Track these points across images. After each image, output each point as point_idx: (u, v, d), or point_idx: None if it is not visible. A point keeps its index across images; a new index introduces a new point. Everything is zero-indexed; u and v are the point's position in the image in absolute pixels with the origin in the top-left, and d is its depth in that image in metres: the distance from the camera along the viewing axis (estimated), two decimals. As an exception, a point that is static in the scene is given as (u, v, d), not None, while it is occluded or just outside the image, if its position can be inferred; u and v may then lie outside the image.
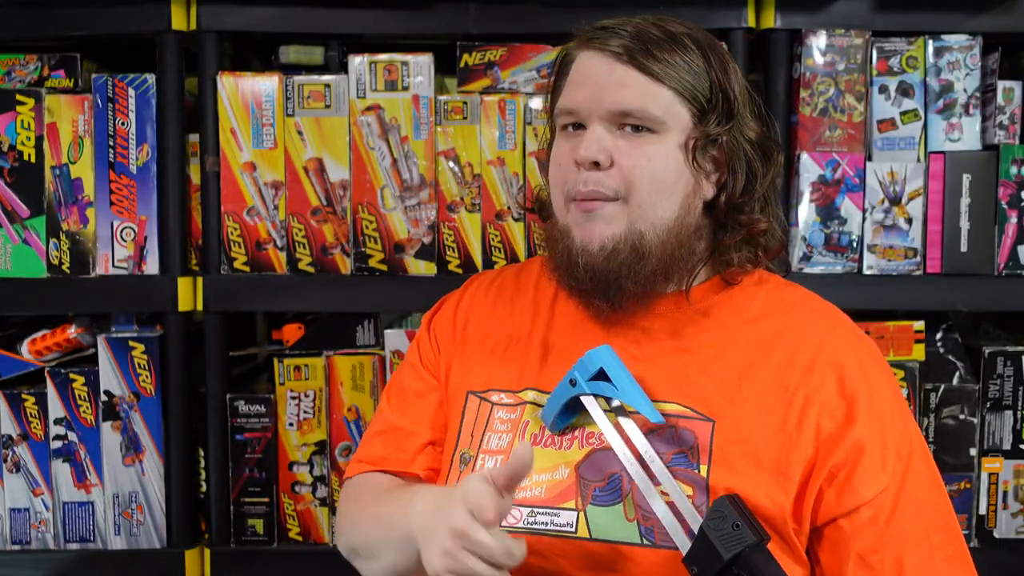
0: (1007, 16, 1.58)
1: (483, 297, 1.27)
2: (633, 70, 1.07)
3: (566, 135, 1.12)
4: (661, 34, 1.08)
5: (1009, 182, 1.58)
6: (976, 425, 1.60)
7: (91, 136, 1.59)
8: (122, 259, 1.60)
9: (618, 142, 1.08)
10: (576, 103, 1.09)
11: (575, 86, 1.10)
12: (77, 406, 1.61)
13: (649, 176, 1.07)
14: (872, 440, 1.04)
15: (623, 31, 1.08)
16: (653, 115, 1.07)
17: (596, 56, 1.09)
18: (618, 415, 1.06)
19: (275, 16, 1.59)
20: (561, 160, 1.12)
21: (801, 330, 1.12)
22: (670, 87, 1.07)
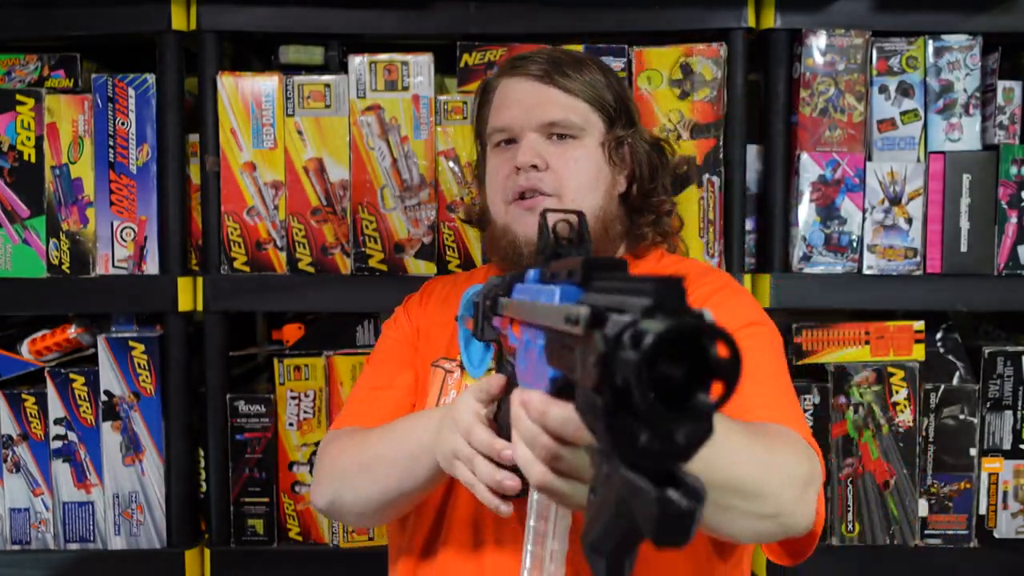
0: (1007, 16, 1.58)
1: (438, 294, 1.40)
2: (554, 88, 1.26)
3: (500, 150, 1.29)
4: (569, 59, 1.29)
5: (1009, 182, 1.58)
6: (976, 425, 1.60)
7: (91, 136, 1.59)
8: (122, 259, 1.60)
9: (549, 149, 1.25)
10: (508, 121, 1.27)
11: (504, 108, 1.28)
12: (77, 406, 1.61)
13: (577, 174, 1.25)
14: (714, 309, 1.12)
15: (539, 59, 1.28)
16: (575, 123, 1.26)
17: (520, 80, 1.27)
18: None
19: (275, 16, 1.59)
20: (498, 170, 1.28)
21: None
22: (584, 100, 1.27)
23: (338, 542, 1.64)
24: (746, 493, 0.90)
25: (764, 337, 1.16)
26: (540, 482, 0.74)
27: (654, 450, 0.53)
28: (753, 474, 0.90)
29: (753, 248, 1.64)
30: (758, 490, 0.91)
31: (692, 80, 1.58)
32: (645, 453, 0.53)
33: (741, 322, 1.15)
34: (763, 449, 0.93)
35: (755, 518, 0.92)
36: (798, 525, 0.97)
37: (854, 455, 1.60)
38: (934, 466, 1.61)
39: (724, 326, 0.51)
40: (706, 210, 1.59)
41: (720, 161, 1.59)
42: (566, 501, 0.76)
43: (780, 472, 0.94)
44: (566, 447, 0.71)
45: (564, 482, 0.74)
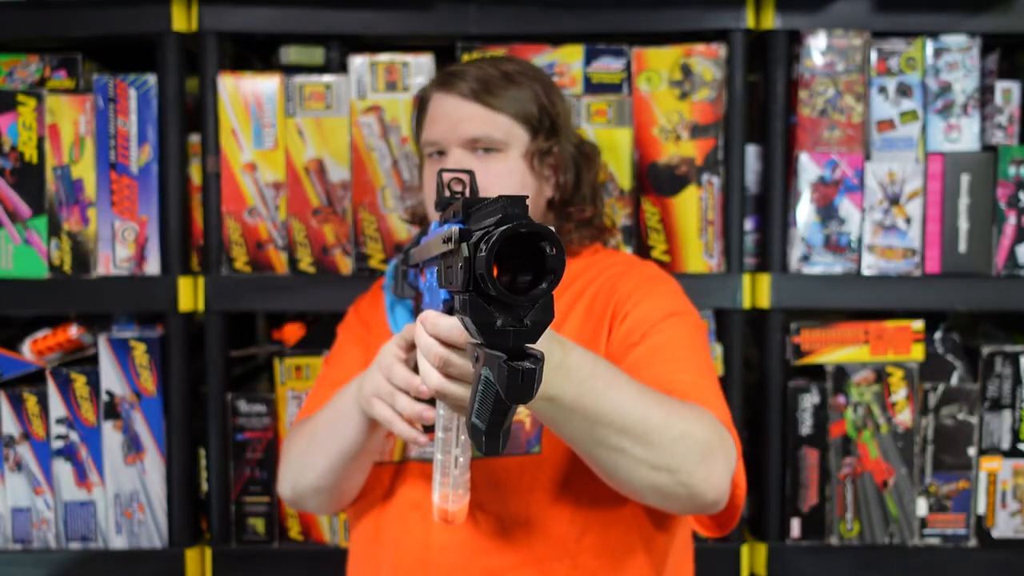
0: (1006, 16, 1.58)
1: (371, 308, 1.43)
2: (476, 105, 1.30)
3: (432, 161, 1.33)
4: (496, 73, 1.32)
5: (1008, 182, 1.59)
6: (975, 425, 1.61)
7: (92, 136, 1.60)
8: (123, 259, 1.61)
9: (473, 163, 1.29)
10: (436, 136, 1.32)
11: (433, 122, 1.33)
12: (78, 406, 1.61)
13: (500, 187, 1.28)
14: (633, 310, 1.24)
15: (467, 75, 1.32)
16: (496, 138, 1.30)
17: (447, 97, 1.31)
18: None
19: (275, 16, 1.59)
20: (431, 180, 1.32)
21: (609, 274, 1.32)
22: (507, 114, 1.31)
23: (338, 542, 1.64)
24: (633, 435, 0.98)
25: (685, 325, 1.24)
26: (437, 387, 0.86)
27: (508, 330, 0.71)
28: (641, 418, 0.98)
29: (752, 248, 1.65)
30: (645, 436, 0.99)
31: (692, 80, 1.58)
32: (501, 334, 0.71)
33: (664, 312, 1.23)
34: (657, 404, 1.01)
35: (648, 467, 1.00)
36: (702, 490, 1.03)
37: (853, 455, 1.60)
38: (933, 466, 1.61)
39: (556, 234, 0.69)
40: (706, 210, 1.60)
41: (720, 161, 1.60)
42: (460, 404, 0.87)
43: (674, 429, 1.01)
44: (456, 352, 0.84)
45: (457, 385, 0.85)
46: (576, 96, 1.59)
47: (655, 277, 1.32)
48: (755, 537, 1.64)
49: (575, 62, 1.60)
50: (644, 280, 1.29)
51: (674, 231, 1.60)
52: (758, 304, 1.60)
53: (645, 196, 1.60)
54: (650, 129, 1.59)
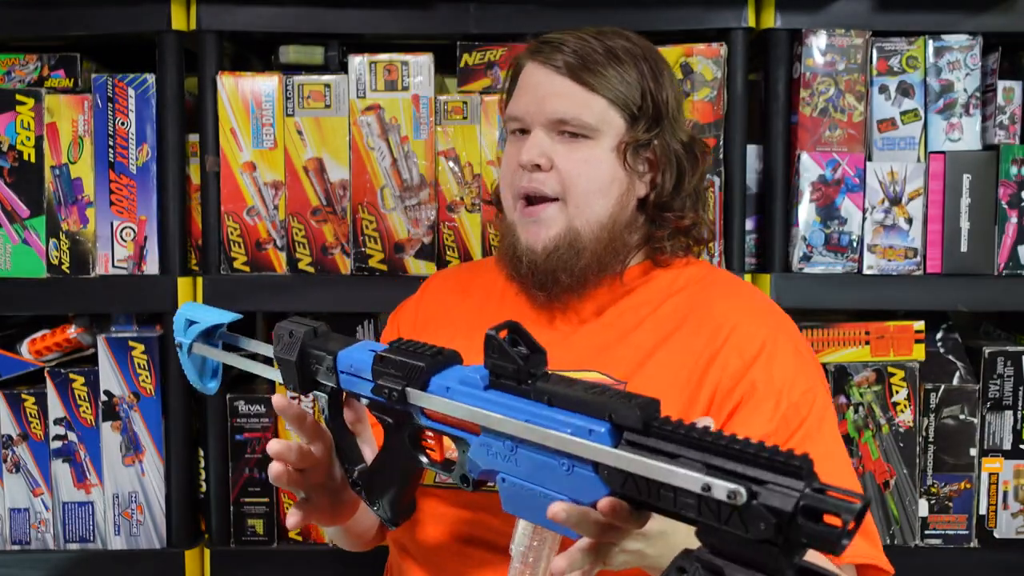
0: (1007, 16, 1.58)
1: (440, 292, 1.37)
2: (570, 81, 1.18)
3: (514, 139, 1.23)
4: (600, 48, 1.19)
5: (1009, 182, 1.58)
6: (976, 425, 1.60)
7: (91, 136, 1.59)
8: (122, 259, 1.60)
9: (557, 147, 1.18)
10: (520, 111, 1.21)
11: (520, 95, 1.22)
12: (77, 406, 1.61)
13: (585, 178, 1.18)
14: (767, 388, 1.12)
15: (565, 46, 1.19)
16: (587, 123, 1.18)
17: (539, 68, 1.20)
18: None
19: (275, 16, 1.59)
20: (509, 161, 1.23)
21: (714, 302, 1.22)
22: (604, 96, 1.18)
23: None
24: None
25: (823, 408, 1.14)
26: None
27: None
28: None
29: (753, 248, 1.64)
30: None
31: (692, 80, 1.58)
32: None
33: (801, 388, 1.13)
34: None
35: None
36: None
37: (854, 455, 1.59)
38: (934, 466, 1.61)
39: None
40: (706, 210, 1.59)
41: (720, 161, 1.59)
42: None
43: None
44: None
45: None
46: (576, 95, 1.59)
47: (801, 351, 1.18)
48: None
49: (575, 61, 1.60)
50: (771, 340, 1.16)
51: (674, 231, 1.60)
52: (759, 304, 1.59)
53: (645, 196, 1.60)
54: (650, 129, 1.59)
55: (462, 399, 0.91)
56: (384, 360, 0.97)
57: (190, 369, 1.17)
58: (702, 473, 0.72)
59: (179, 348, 1.17)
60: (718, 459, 0.72)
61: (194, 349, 1.16)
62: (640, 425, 0.78)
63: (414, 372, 0.94)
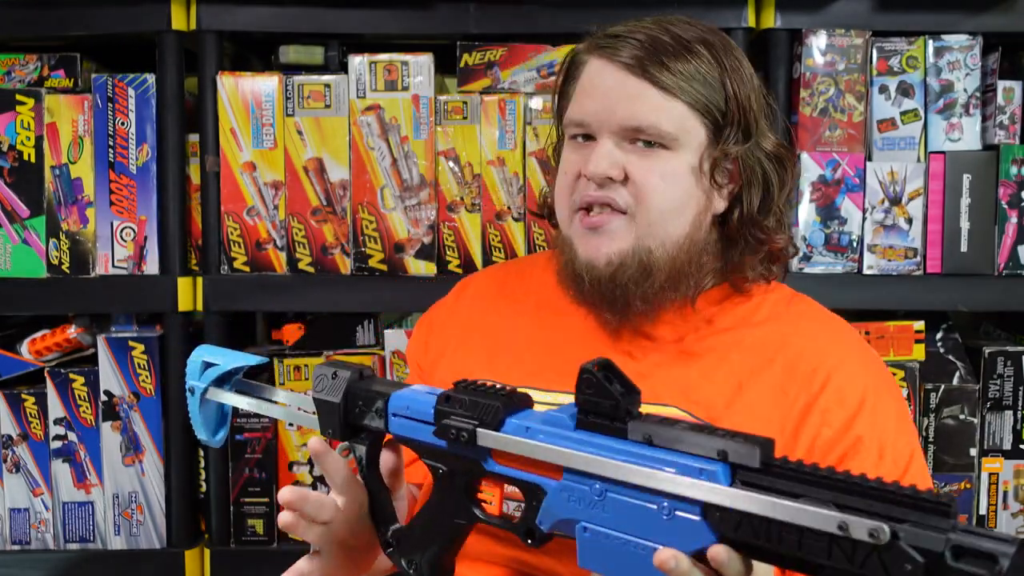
0: (1007, 16, 1.58)
1: (482, 298, 1.25)
2: (645, 83, 1.04)
3: (575, 145, 1.10)
4: (673, 42, 1.05)
5: (1009, 182, 1.58)
6: (976, 425, 1.60)
7: (91, 136, 1.59)
8: (122, 259, 1.60)
9: (630, 157, 1.05)
10: (586, 115, 1.07)
11: (585, 96, 1.08)
12: (77, 406, 1.61)
13: (661, 194, 1.05)
14: (871, 442, 1.03)
15: (634, 39, 1.05)
16: (666, 132, 1.04)
17: (606, 66, 1.07)
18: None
19: (275, 16, 1.59)
20: (568, 170, 1.10)
21: (805, 338, 1.10)
22: (684, 101, 1.05)
23: (338, 542, 1.64)
24: None
25: (922, 463, 1.05)
26: None
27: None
28: None
29: (753, 248, 1.64)
30: None
31: (692, 80, 1.58)
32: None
33: (904, 443, 1.04)
34: None
35: None
36: None
37: (854, 455, 1.60)
38: (934, 466, 1.60)
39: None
40: (706, 210, 1.59)
41: (720, 161, 1.59)
42: None
43: None
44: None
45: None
46: (576, 95, 1.59)
47: (901, 401, 1.09)
48: None
49: (575, 61, 1.60)
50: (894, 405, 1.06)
51: (674, 231, 1.60)
52: (759, 304, 1.59)
53: (645, 196, 1.60)
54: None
55: (547, 439, 0.84)
56: (451, 400, 0.89)
57: (201, 418, 1.05)
58: (835, 511, 0.67)
59: (190, 393, 1.05)
60: (851, 498, 0.68)
61: (209, 395, 1.04)
62: (758, 464, 0.73)
63: (487, 412, 0.87)
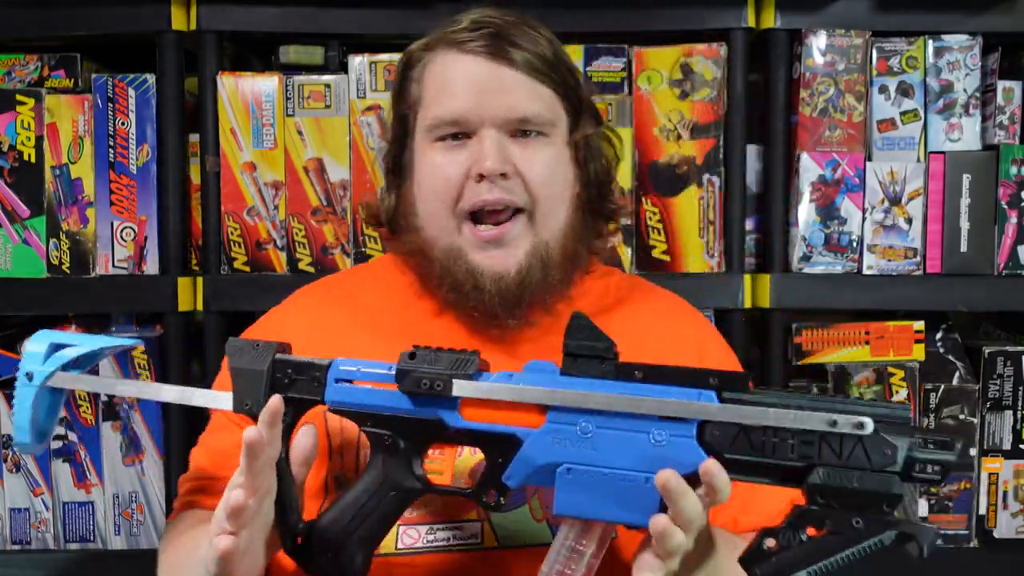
0: (1007, 16, 1.58)
1: (317, 314, 1.16)
2: (517, 72, 1.03)
3: (444, 146, 1.05)
4: (529, 30, 1.05)
5: (1009, 182, 1.58)
6: (976, 425, 1.60)
7: (91, 136, 1.59)
8: (122, 259, 1.60)
9: (514, 149, 1.03)
10: (461, 111, 1.03)
11: (450, 93, 1.04)
12: (77, 406, 1.61)
13: (549, 185, 1.05)
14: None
15: (489, 30, 1.03)
16: (546, 118, 1.04)
17: (467, 58, 1.04)
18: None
19: (275, 16, 1.59)
20: (444, 171, 1.05)
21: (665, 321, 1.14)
22: (551, 87, 1.05)
23: (338, 542, 1.64)
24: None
25: None
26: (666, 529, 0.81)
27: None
28: None
29: (753, 248, 1.64)
30: None
31: (692, 80, 1.58)
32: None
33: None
34: None
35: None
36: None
37: (854, 455, 1.59)
38: (934, 466, 1.60)
39: None
40: (706, 210, 1.59)
41: (720, 161, 1.59)
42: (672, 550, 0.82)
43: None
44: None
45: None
46: (576, 96, 1.59)
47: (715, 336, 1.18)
48: (756, 538, 1.64)
49: (575, 61, 1.59)
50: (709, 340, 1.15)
51: (674, 231, 1.60)
52: (759, 304, 1.59)
53: (645, 196, 1.60)
54: (650, 128, 1.59)
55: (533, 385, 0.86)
56: (416, 356, 0.89)
57: (30, 414, 0.91)
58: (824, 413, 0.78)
59: (26, 380, 0.92)
60: (825, 405, 0.80)
61: (55, 382, 0.91)
62: (744, 389, 0.82)
63: (461, 364, 0.88)
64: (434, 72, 1.06)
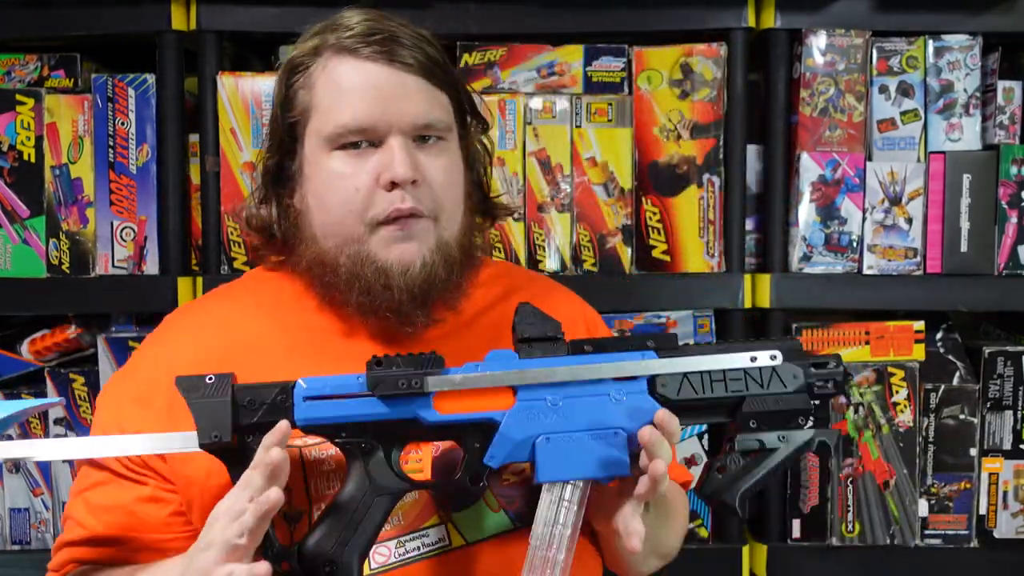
0: (1007, 16, 1.58)
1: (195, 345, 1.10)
2: (418, 78, 1.03)
3: (349, 155, 1.03)
4: (417, 35, 1.05)
5: (1009, 182, 1.58)
6: (976, 425, 1.60)
7: (91, 136, 1.59)
8: (122, 259, 1.60)
9: (417, 155, 1.03)
10: (368, 119, 1.01)
11: (352, 100, 1.02)
12: (77, 406, 1.61)
13: (449, 188, 1.06)
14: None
15: (385, 35, 1.03)
16: (446, 123, 1.06)
17: (369, 66, 1.02)
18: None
19: (275, 16, 1.59)
20: (352, 180, 1.03)
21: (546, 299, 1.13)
22: (446, 91, 1.06)
23: (338, 542, 1.64)
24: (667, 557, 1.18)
25: None
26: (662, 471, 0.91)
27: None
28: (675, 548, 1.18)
29: (753, 248, 1.64)
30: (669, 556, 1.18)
31: (692, 80, 1.58)
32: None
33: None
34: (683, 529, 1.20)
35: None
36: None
37: (854, 455, 1.59)
38: (934, 466, 1.61)
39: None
40: (706, 210, 1.59)
41: (720, 161, 1.59)
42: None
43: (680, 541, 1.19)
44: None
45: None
46: (576, 96, 1.59)
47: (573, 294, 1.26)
48: (756, 538, 1.64)
49: (575, 62, 1.60)
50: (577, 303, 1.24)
51: (674, 231, 1.60)
52: (759, 304, 1.59)
53: (645, 196, 1.60)
54: (650, 128, 1.59)
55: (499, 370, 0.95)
56: (381, 363, 0.93)
57: None
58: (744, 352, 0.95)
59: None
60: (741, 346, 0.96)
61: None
62: (677, 344, 0.97)
63: (427, 362, 0.94)
64: (328, 79, 1.04)
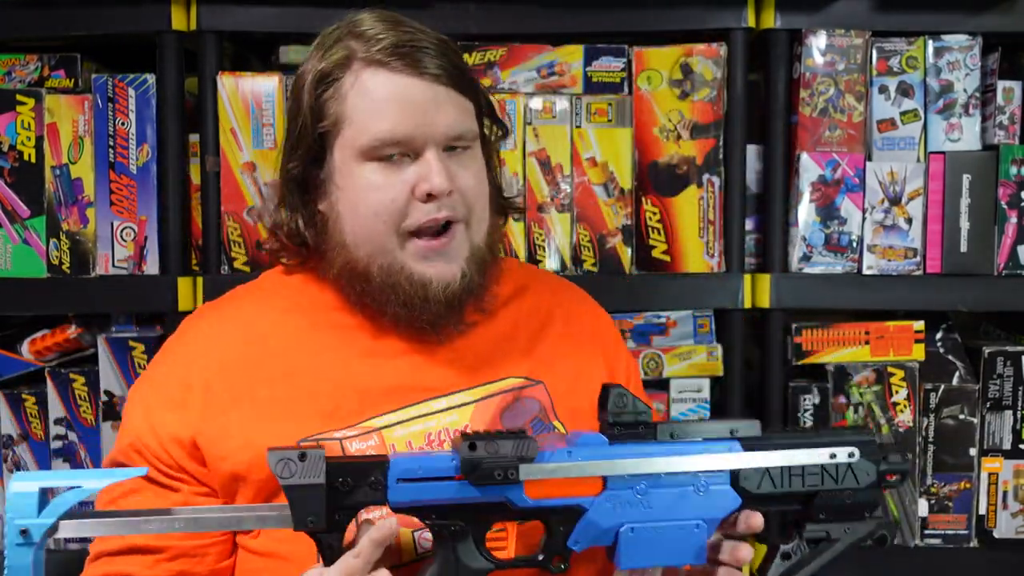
0: (1007, 16, 1.58)
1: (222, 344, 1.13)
2: (449, 89, 1.06)
3: (384, 166, 1.05)
4: (439, 41, 1.07)
5: (1009, 182, 1.59)
6: (976, 425, 1.60)
7: (91, 136, 1.59)
8: (122, 259, 1.60)
9: (451, 165, 1.06)
10: (407, 132, 1.04)
11: (389, 113, 1.04)
12: (77, 406, 1.61)
13: (479, 194, 1.10)
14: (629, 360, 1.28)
15: (413, 46, 1.05)
16: (474, 132, 1.09)
17: (401, 78, 1.04)
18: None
19: (275, 16, 1.59)
20: (387, 191, 1.05)
21: (554, 294, 1.25)
22: (471, 98, 1.09)
23: (338, 542, 1.64)
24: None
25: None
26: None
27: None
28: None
29: (753, 248, 1.64)
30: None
31: (692, 80, 1.58)
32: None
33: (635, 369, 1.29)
34: None
35: None
36: None
37: (854, 455, 1.59)
38: (934, 466, 1.61)
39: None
40: (706, 210, 1.59)
41: (720, 161, 1.59)
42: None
43: None
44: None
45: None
46: (576, 96, 1.59)
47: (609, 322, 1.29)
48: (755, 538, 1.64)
49: (575, 62, 1.60)
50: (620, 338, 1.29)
51: (674, 231, 1.60)
52: (759, 304, 1.59)
53: (645, 196, 1.60)
54: (650, 129, 1.59)
55: (589, 459, 0.95)
56: (476, 446, 0.91)
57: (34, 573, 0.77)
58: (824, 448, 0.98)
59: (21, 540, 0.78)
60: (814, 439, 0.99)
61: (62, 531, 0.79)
62: (759, 433, 0.99)
63: (521, 448, 0.92)
64: (361, 91, 1.06)
